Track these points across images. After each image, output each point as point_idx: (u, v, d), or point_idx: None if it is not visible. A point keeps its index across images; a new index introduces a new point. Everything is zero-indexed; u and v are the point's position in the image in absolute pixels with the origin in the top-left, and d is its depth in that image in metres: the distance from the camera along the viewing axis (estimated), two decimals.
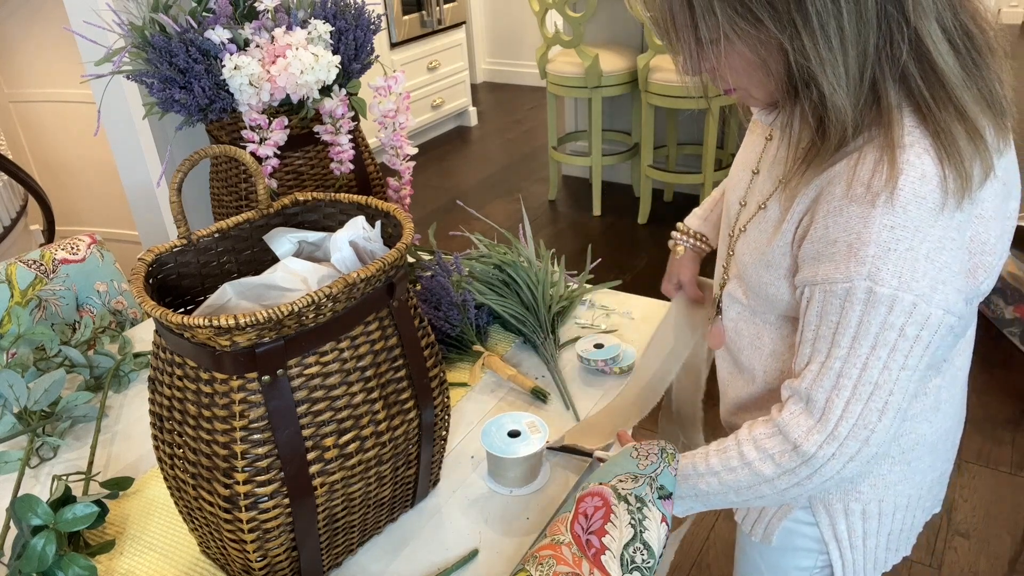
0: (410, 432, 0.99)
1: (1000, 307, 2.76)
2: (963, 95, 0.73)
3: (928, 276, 0.74)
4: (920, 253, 0.73)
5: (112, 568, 1.01)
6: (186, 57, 1.30)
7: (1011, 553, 1.96)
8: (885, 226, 0.73)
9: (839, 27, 0.70)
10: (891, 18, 0.71)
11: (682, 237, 1.25)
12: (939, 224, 0.73)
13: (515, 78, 6.13)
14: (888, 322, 0.75)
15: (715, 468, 0.90)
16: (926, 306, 0.74)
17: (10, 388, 1.21)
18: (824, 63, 0.71)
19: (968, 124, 0.73)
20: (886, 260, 0.73)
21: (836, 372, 0.79)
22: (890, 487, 0.96)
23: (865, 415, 0.79)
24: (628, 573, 0.88)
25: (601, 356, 1.31)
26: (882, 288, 0.74)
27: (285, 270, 0.95)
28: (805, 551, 1.03)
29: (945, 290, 0.75)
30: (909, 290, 0.73)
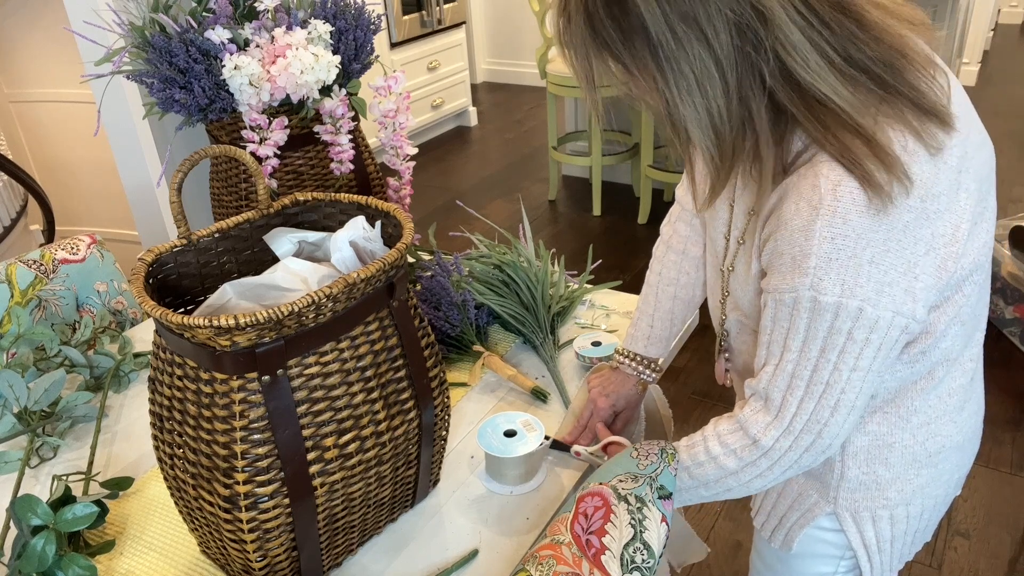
0: (410, 432, 0.99)
1: (1000, 307, 2.76)
2: (858, 115, 0.74)
3: (873, 280, 0.76)
4: (863, 259, 0.75)
5: (112, 568, 1.01)
6: (186, 57, 1.30)
7: (1011, 553, 1.96)
8: (825, 238, 0.75)
9: (691, 70, 0.73)
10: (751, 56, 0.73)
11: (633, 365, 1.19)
12: (882, 227, 0.75)
13: (515, 78, 6.13)
14: (835, 327, 0.78)
15: (685, 463, 0.93)
16: (872, 310, 0.76)
17: (10, 388, 1.21)
18: (682, 103, 0.75)
19: (868, 142, 0.74)
20: (828, 270, 0.75)
21: (789, 373, 0.82)
22: (918, 491, 0.96)
23: (818, 411, 0.83)
24: (628, 573, 0.88)
25: (597, 353, 1.31)
26: (825, 297, 0.76)
27: (285, 270, 0.95)
28: (826, 557, 1.03)
29: (892, 292, 0.76)
30: (853, 296, 0.76)
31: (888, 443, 0.93)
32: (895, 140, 0.75)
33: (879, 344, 0.79)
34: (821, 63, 0.73)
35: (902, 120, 0.76)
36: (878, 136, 0.74)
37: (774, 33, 0.72)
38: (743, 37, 0.72)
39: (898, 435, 0.93)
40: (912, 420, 0.92)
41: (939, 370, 0.90)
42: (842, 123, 0.75)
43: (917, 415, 0.92)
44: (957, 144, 0.79)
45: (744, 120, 0.76)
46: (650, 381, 1.20)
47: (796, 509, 1.02)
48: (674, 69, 0.74)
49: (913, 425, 0.92)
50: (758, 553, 1.15)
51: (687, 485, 0.94)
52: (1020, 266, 2.63)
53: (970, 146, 0.82)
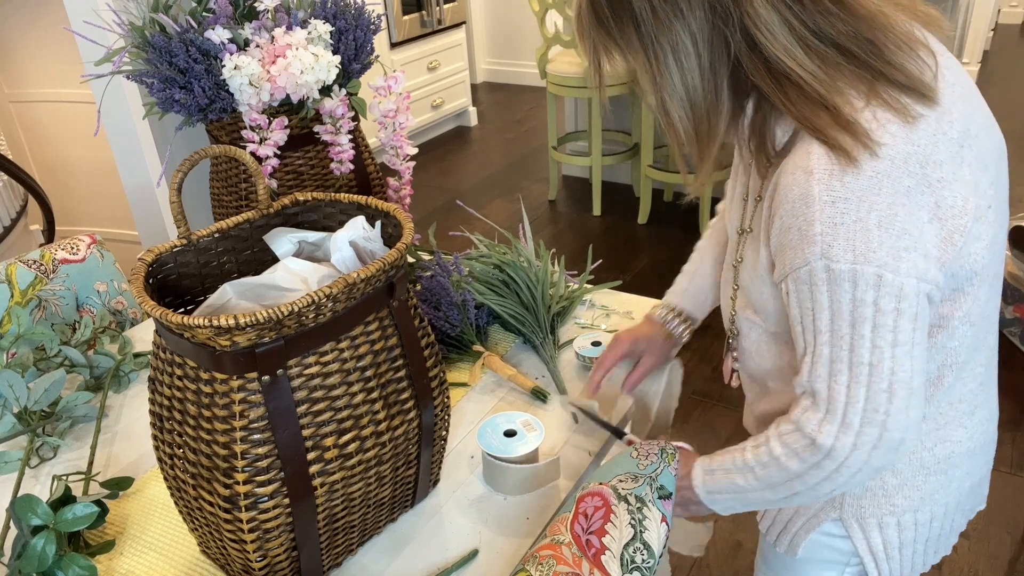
0: (410, 432, 0.99)
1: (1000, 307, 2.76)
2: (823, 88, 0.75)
3: (885, 245, 0.73)
4: (871, 223, 0.73)
5: (112, 568, 1.01)
6: (186, 57, 1.30)
7: (1011, 553, 1.96)
8: (826, 202, 0.73)
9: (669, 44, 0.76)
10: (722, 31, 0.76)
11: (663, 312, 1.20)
12: (884, 190, 0.73)
13: (515, 78, 6.13)
14: (857, 298, 0.74)
15: (751, 463, 0.87)
16: (893, 276, 0.73)
17: (10, 388, 1.21)
18: (662, 77, 0.78)
19: (832, 112, 0.75)
20: (835, 235, 0.73)
21: (827, 358, 0.78)
22: (926, 498, 0.94)
23: (872, 398, 0.77)
24: (628, 573, 0.88)
25: (597, 353, 1.31)
26: (838, 264, 0.74)
27: (285, 270, 0.95)
28: (831, 563, 1.02)
29: (911, 257, 0.74)
30: (868, 262, 0.73)
31: None
32: (862, 110, 0.75)
33: (914, 314, 0.75)
34: (789, 37, 0.75)
35: (873, 92, 0.76)
36: (841, 106, 0.75)
37: (743, 7, 0.74)
38: (715, 12, 0.75)
39: None
40: (922, 427, 0.91)
41: (948, 375, 0.89)
42: (806, 95, 0.75)
43: (927, 421, 0.91)
44: (959, 119, 0.79)
45: (717, 94, 0.79)
46: (677, 335, 1.18)
47: (802, 514, 1.01)
48: (654, 44, 0.77)
49: (922, 432, 0.91)
50: (763, 557, 1.14)
51: (753, 486, 0.88)
52: (1020, 266, 2.63)
53: (974, 125, 0.81)
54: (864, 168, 0.73)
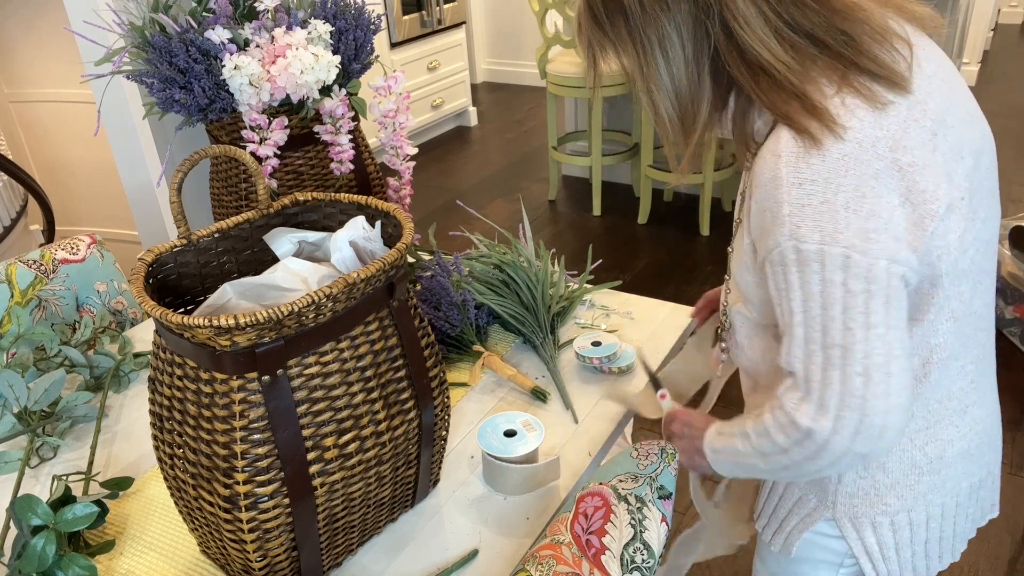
0: (410, 432, 0.99)
1: (1000, 307, 2.77)
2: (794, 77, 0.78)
3: (853, 226, 0.74)
4: (838, 204, 0.74)
5: (112, 568, 1.01)
6: (186, 57, 1.30)
7: (1011, 553, 1.96)
8: (793, 183, 0.75)
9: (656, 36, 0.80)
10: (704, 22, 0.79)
11: None
12: (851, 173, 0.74)
13: (515, 78, 6.13)
14: (826, 279, 0.75)
15: (748, 431, 0.88)
16: (861, 257, 0.74)
17: (10, 388, 1.21)
18: (649, 68, 0.83)
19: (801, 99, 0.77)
20: (803, 216, 0.74)
21: (802, 339, 0.78)
22: (919, 497, 0.94)
23: (847, 382, 0.76)
24: (628, 573, 0.88)
25: (597, 353, 1.31)
26: (806, 245, 0.75)
27: (285, 270, 0.95)
28: (825, 564, 1.02)
29: (880, 238, 0.74)
30: (835, 243, 0.74)
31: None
32: (831, 96, 0.77)
33: (885, 296, 0.75)
34: (765, 29, 0.77)
35: (844, 80, 0.78)
36: (811, 94, 0.77)
37: (723, 1, 0.78)
38: (697, 5, 0.79)
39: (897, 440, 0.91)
40: (911, 425, 0.91)
41: (933, 371, 0.88)
42: (778, 85, 0.78)
43: (915, 419, 0.91)
44: (933, 109, 0.80)
45: (700, 84, 0.82)
46: None
47: (796, 514, 1.01)
48: (642, 36, 0.81)
49: (912, 430, 0.91)
50: (760, 557, 1.14)
51: (748, 452, 0.88)
52: (1020, 266, 2.63)
53: (951, 117, 0.82)
54: (831, 151, 0.75)
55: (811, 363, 0.78)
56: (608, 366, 1.32)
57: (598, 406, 1.26)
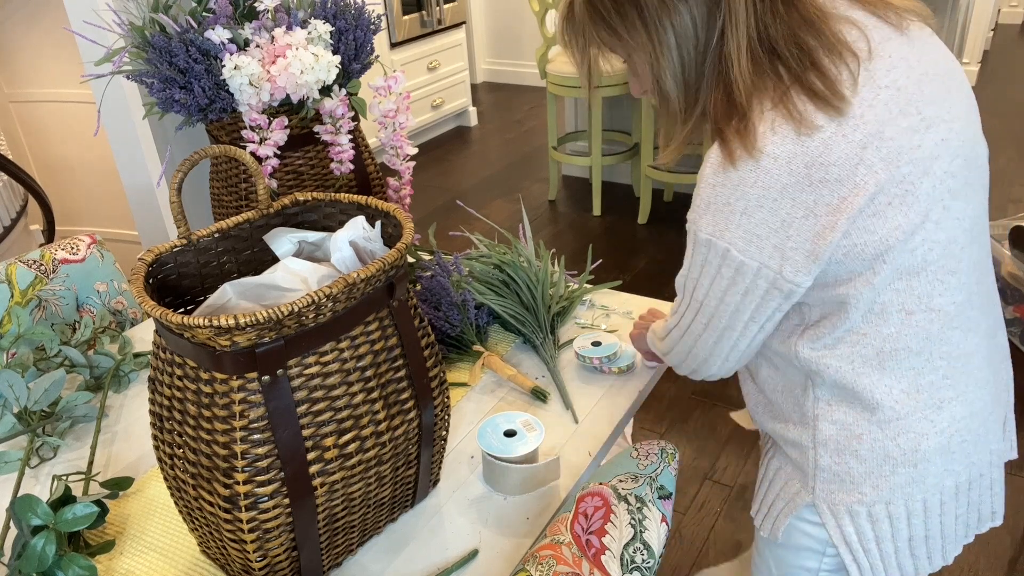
0: (410, 432, 0.99)
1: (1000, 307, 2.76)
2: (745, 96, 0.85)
3: (742, 228, 0.86)
4: (736, 208, 0.86)
5: (112, 568, 1.01)
6: (186, 57, 1.30)
7: (1011, 553, 1.96)
8: (709, 184, 0.88)
9: (672, 26, 0.86)
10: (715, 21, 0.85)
11: None
12: (758, 185, 0.84)
13: (515, 78, 6.13)
14: (707, 259, 0.91)
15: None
16: (738, 255, 0.88)
17: (10, 388, 1.21)
18: (662, 58, 0.89)
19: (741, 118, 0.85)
20: (706, 211, 0.89)
21: (682, 281, 0.98)
22: (896, 490, 0.95)
23: (694, 325, 0.99)
24: (628, 573, 0.88)
25: (597, 353, 1.31)
26: (701, 233, 0.90)
27: (285, 270, 0.95)
28: (809, 551, 1.03)
29: (760, 244, 0.86)
30: (721, 238, 0.88)
31: (856, 434, 0.94)
32: (766, 120, 0.84)
33: (744, 289, 0.90)
34: (743, 37, 0.84)
35: (785, 103, 0.84)
36: (752, 116, 0.85)
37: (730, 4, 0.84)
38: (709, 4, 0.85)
39: (865, 426, 0.93)
40: (877, 414, 0.92)
41: (889, 361, 0.90)
42: (730, 101, 0.86)
43: (882, 409, 0.92)
44: (871, 122, 0.84)
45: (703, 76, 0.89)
46: None
47: (782, 498, 1.03)
48: (658, 26, 0.87)
49: (879, 419, 0.93)
50: (755, 544, 1.17)
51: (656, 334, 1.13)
52: (1020, 266, 2.63)
53: (892, 129, 0.84)
54: (747, 164, 0.85)
55: (681, 299, 1.00)
56: (608, 366, 1.32)
57: (598, 406, 1.26)
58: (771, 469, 1.06)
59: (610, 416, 1.24)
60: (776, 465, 1.05)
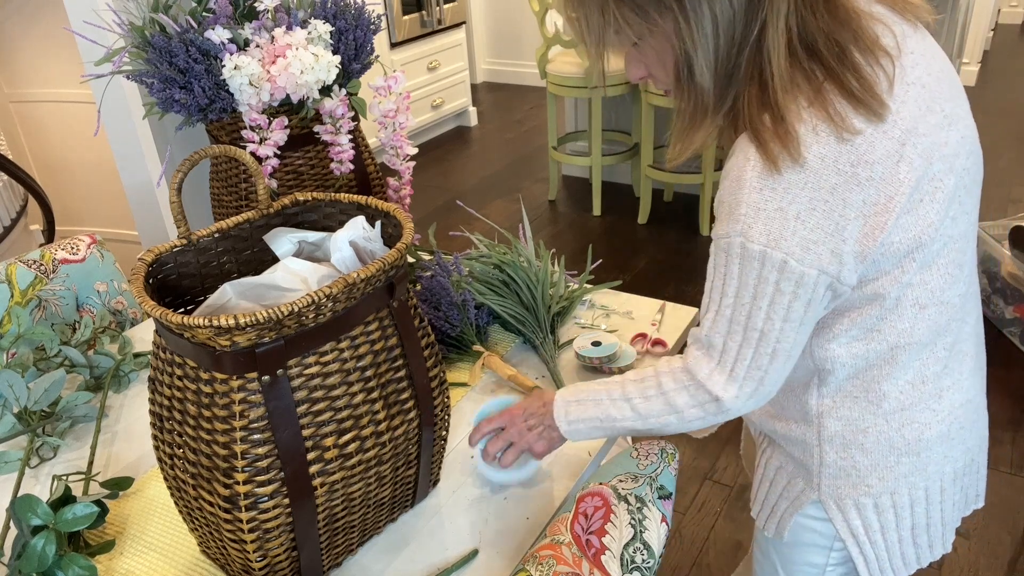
0: (410, 432, 0.99)
1: (1000, 307, 2.76)
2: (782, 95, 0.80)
3: (798, 235, 0.81)
4: (790, 214, 0.80)
5: (112, 568, 1.01)
6: (186, 57, 1.30)
7: (1011, 553, 1.96)
8: (755, 187, 0.81)
9: (711, 13, 0.80)
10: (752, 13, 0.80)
11: None
12: (808, 186, 0.80)
13: (515, 78, 6.13)
14: (763, 276, 0.83)
15: (630, 395, 0.97)
16: (797, 264, 0.82)
17: (10, 388, 1.21)
18: (698, 46, 0.81)
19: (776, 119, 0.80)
20: (756, 219, 0.81)
21: (727, 319, 0.88)
22: (900, 480, 0.96)
23: (757, 358, 0.88)
24: (628, 573, 0.88)
25: (597, 353, 1.31)
26: (753, 245, 0.82)
27: (285, 270, 0.95)
28: (816, 547, 1.04)
29: (818, 251, 0.81)
30: (778, 248, 0.81)
31: (862, 428, 0.95)
32: (806, 121, 0.80)
33: (807, 300, 0.84)
34: (783, 33, 0.80)
35: (825, 107, 0.80)
36: (788, 116, 0.80)
37: None
38: None
39: (871, 420, 0.94)
40: (883, 405, 0.93)
41: (902, 355, 0.91)
42: (762, 98, 0.81)
43: (888, 400, 0.93)
44: (906, 118, 0.83)
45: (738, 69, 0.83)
46: None
47: (785, 497, 1.04)
48: (697, 13, 0.80)
49: (885, 411, 0.94)
50: (757, 543, 1.17)
51: (626, 416, 0.97)
52: (1020, 266, 2.63)
53: (924, 124, 0.84)
54: (793, 166, 0.80)
55: (731, 340, 0.89)
56: (608, 366, 1.32)
57: None
58: (771, 469, 1.07)
59: None
60: (776, 464, 1.05)
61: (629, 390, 0.97)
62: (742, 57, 0.82)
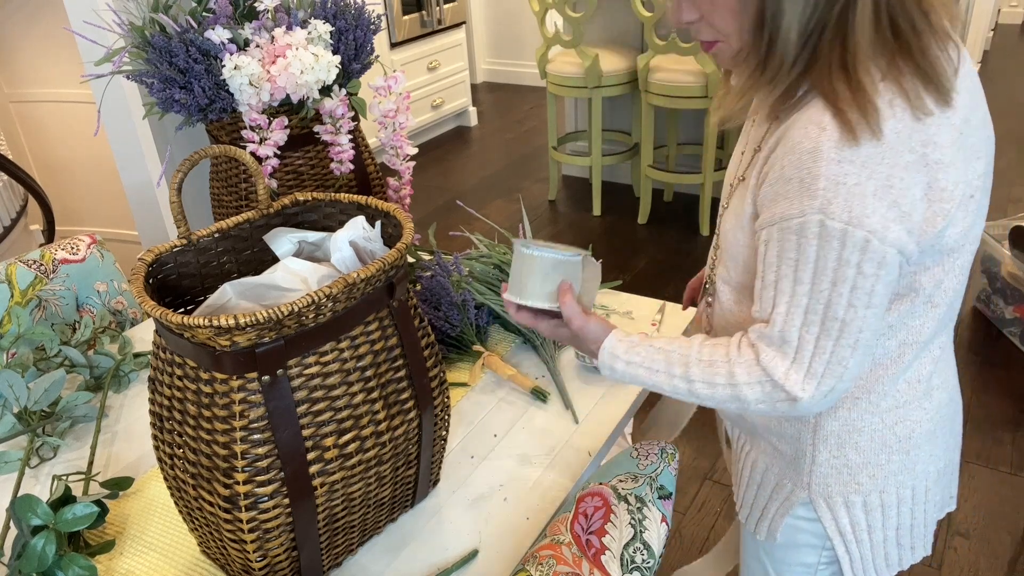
0: (410, 432, 0.99)
1: (1000, 307, 2.76)
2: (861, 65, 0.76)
3: (878, 213, 0.76)
4: (867, 190, 0.75)
5: (112, 568, 1.01)
6: (186, 57, 1.30)
7: (1011, 553, 1.96)
8: (833, 160, 0.75)
9: None
10: None
11: None
12: (886, 161, 0.76)
13: (515, 78, 6.13)
14: (844, 258, 0.77)
15: (693, 377, 0.89)
16: (879, 244, 0.76)
17: (10, 388, 1.21)
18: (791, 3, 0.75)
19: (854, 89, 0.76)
20: (837, 193, 0.75)
21: (803, 308, 0.80)
22: (890, 477, 0.97)
23: (838, 352, 0.81)
24: (628, 573, 0.88)
25: None
26: (833, 222, 0.76)
27: (285, 270, 0.95)
28: (808, 547, 1.04)
29: (897, 230, 0.77)
30: (860, 226, 0.76)
31: (858, 428, 0.94)
32: (882, 94, 0.76)
33: (889, 281, 0.79)
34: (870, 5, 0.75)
35: (899, 81, 0.77)
36: (866, 86, 0.76)
37: None
38: None
39: (868, 419, 0.94)
40: (882, 404, 0.93)
41: (908, 353, 0.91)
42: (843, 65, 0.76)
43: (886, 399, 0.93)
44: (961, 108, 0.81)
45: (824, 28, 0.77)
46: None
47: (775, 499, 1.03)
48: None
49: (882, 409, 0.94)
50: (746, 548, 1.16)
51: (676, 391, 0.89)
52: (1020, 266, 2.63)
53: (974, 117, 0.83)
54: (871, 139, 0.76)
55: (807, 332, 0.81)
56: None
57: (598, 406, 1.26)
58: (757, 471, 1.06)
59: (610, 416, 1.24)
60: (763, 466, 1.05)
61: (693, 372, 0.89)
62: (831, 16, 0.76)
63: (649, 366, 0.91)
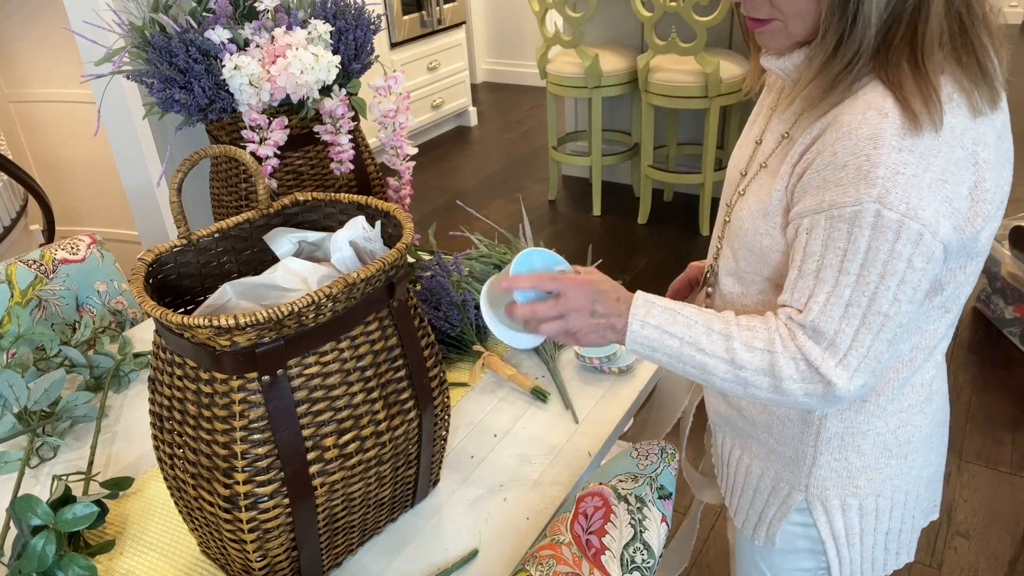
0: (410, 432, 0.99)
1: (1000, 307, 2.76)
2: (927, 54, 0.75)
3: (932, 207, 0.74)
4: (924, 182, 0.74)
5: (112, 568, 1.01)
6: (186, 57, 1.30)
7: (1011, 553, 1.96)
8: (894, 147, 0.73)
9: None
10: None
11: None
12: (942, 154, 0.74)
13: (515, 78, 6.13)
14: (896, 250, 0.75)
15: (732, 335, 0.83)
16: (932, 238, 0.75)
17: (10, 388, 1.21)
18: None
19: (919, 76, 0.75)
20: (895, 183, 0.73)
21: (845, 300, 0.78)
22: (887, 482, 0.97)
23: (876, 346, 0.79)
24: (628, 573, 0.88)
25: (597, 353, 1.31)
26: (890, 212, 0.74)
27: (285, 270, 0.95)
28: (807, 552, 1.03)
29: (947, 226, 0.76)
30: (916, 218, 0.74)
31: (863, 431, 0.94)
32: (944, 88, 0.75)
33: (932, 277, 0.77)
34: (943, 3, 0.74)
35: (959, 77, 0.77)
36: (932, 76, 0.75)
37: None
38: None
39: (873, 423, 0.94)
40: (888, 408, 0.93)
41: (918, 357, 0.91)
42: (912, 54, 0.75)
43: (893, 403, 0.93)
44: (1002, 113, 0.81)
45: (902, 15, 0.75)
46: None
47: (772, 503, 1.03)
48: None
49: (888, 413, 0.94)
50: (742, 553, 1.14)
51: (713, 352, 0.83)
52: (1020, 266, 2.63)
53: (1005, 126, 0.84)
54: (930, 130, 0.74)
55: (846, 324, 0.78)
56: (608, 366, 1.32)
57: (598, 406, 1.26)
58: (752, 475, 1.05)
59: (610, 416, 1.24)
60: (758, 470, 1.04)
61: (733, 330, 0.83)
62: (907, 4, 0.75)
63: (688, 315, 0.86)
